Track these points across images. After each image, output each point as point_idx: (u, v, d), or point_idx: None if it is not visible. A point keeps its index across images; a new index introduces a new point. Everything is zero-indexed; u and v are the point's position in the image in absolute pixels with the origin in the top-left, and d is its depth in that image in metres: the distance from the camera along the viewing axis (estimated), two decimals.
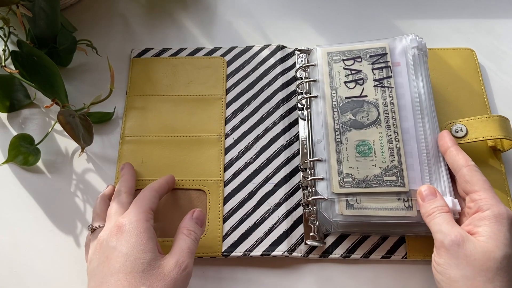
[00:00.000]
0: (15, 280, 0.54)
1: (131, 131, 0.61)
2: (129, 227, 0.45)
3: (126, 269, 0.43)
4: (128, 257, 0.43)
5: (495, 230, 0.44)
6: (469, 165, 0.49)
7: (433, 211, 0.47)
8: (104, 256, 0.44)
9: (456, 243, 0.44)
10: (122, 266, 0.43)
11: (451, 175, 0.52)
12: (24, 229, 0.56)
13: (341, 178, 0.52)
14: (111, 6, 0.71)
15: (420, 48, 0.57)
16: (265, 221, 0.55)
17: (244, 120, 0.61)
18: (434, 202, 0.48)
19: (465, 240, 0.44)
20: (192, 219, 0.49)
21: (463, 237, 0.44)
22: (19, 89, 0.62)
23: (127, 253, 0.43)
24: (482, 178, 0.48)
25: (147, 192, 0.50)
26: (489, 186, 0.47)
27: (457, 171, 0.50)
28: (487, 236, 0.44)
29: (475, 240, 0.44)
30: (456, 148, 0.51)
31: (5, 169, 0.59)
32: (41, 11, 0.57)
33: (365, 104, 0.55)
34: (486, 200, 0.46)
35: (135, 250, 0.44)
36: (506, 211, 0.45)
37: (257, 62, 0.65)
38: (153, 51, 0.66)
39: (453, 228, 0.45)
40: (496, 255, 0.42)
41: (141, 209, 0.47)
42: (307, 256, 0.53)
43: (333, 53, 0.58)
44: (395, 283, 0.53)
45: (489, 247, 0.43)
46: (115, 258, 0.43)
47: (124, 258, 0.43)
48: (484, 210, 0.45)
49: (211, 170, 0.58)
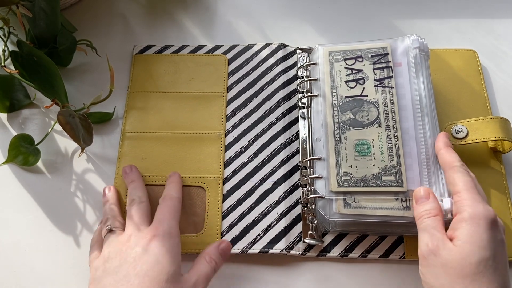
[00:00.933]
0: (15, 280, 0.54)
1: (132, 127, 0.61)
2: (163, 238, 0.47)
3: (153, 274, 0.44)
4: (156, 264, 0.45)
5: (471, 232, 0.42)
6: (454, 166, 0.48)
7: (421, 215, 0.46)
8: (131, 257, 0.45)
9: (432, 252, 0.43)
10: (149, 271, 0.44)
11: None
12: (24, 229, 0.56)
13: (339, 176, 0.52)
14: (111, 6, 0.71)
15: (421, 49, 0.57)
16: (263, 219, 0.55)
17: (245, 118, 0.61)
18: (424, 205, 0.47)
19: (440, 248, 0.43)
20: (217, 248, 0.50)
21: (439, 245, 0.43)
22: (19, 89, 0.62)
23: (157, 260, 0.45)
24: (465, 178, 0.46)
25: (176, 203, 0.52)
26: (471, 186, 0.45)
27: (444, 172, 0.49)
28: (463, 240, 0.42)
29: (451, 247, 0.42)
30: (446, 149, 0.50)
31: (5, 169, 0.59)
32: (41, 11, 0.58)
33: (365, 103, 0.55)
34: (465, 201, 0.44)
35: (165, 259, 0.45)
36: (484, 211, 0.43)
37: (259, 61, 0.65)
38: (155, 48, 0.66)
39: (432, 235, 0.44)
40: (472, 260, 0.41)
41: (174, 222, 0.49)
42: (305, 254, 0.54)
43: (334, 52, 0.58)
44: (392, 283, 0.53)
45: (464, 252, 0.41)
46: (143, 263, 0.45)
47: (152, 265, 0.44)
48: (461, 212, 0.44)
49: (211, 167, 0.58)
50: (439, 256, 0.42)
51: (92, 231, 0.56)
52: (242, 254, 0.54)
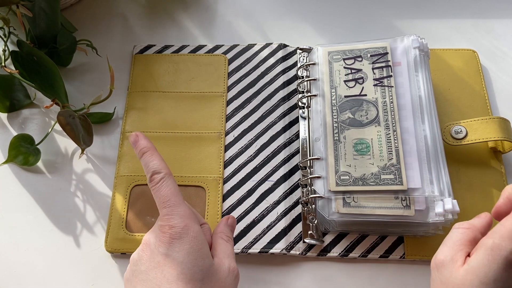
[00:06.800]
0: (15, 280, 0.54)
1: (132, 127, 0.61)
2: (181, 232, 0.41)
3: (186, 278, 0.40)
4: (185, 264, 0.40)
5: (483, 263, 0.37)
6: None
7: (456, 226, 0.43)
8: (155, 261, 0.41)
9: (436, 265, 0.41)
10: (180, 274, 0.40)
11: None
12: (24, 229, 0.56)
13: (338, 176, 0.52)
14: (111, 6, 0.71)
15: (421, 49, 0.57)
16: (263, 219, 0.55)
17: (245, 117, 0.61)
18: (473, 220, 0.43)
19: (444, 265, 0.40)
20: (227, 225, 0.48)
21: (444, 261, 0.40)
22: (19, 89, 0.63)
23: (183, 261, 0.40)
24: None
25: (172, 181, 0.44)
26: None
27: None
28: (471, 265, 0.38)
29: (456, 268, 0.39)
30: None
31: (5, 169, 0.60)
32: (41, 11, 0.58)
33: (364, 103, 0.55)
34: (504, 228, 0.38)
35: (191, 257, 0.41)
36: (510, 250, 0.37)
37: (259, 61, 0.65)
38: (155, 47, 0.67)
39: (446, 248, 0.41)
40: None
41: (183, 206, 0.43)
42: (305, 254, 0.54)
43: (333, 52, 0.58)
44: (392, 283, 0.53)
45: (464, 280, 0.38)
46: (170, 266, 0.40)
47: (180, 266, 0.40)
48: (490, 236, 0.38)
49: (211, 167, 0.58)
50: (440, 272, 0.40)
51: (92, 231, 0.56)
52: (242, 254, 0.54)
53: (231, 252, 0.44)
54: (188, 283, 0.40)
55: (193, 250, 0.41)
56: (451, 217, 0.48)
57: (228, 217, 0.48)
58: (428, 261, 0.48)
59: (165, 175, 0.44)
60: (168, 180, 0.43)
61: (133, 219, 0.56)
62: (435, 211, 0.49)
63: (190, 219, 0.42)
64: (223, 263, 0.43)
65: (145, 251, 0.43)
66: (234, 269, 0.43)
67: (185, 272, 0.40)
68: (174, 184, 0.44)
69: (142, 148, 0.45)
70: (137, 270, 0.42)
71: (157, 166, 0.44)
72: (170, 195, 0.43)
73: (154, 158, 0.45)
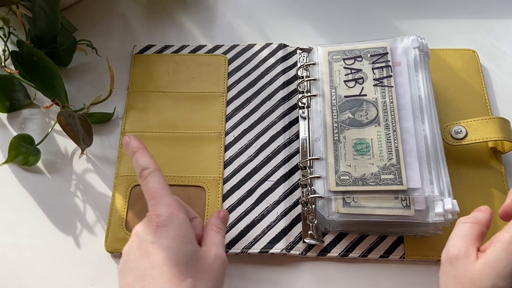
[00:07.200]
0: (15, 280, 0.54)
1: (132, 127, 0.61)
2: (166, 220, 0.43)
3: (171, 262, 0.42)
4: (170, 250, 0.42)
5: (500, 258, 0.38)
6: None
7: (461, 220, 0.43)
8: (142, 249, 0.43)
9: (449, 260, 0.41)
10: (166, 259, 0.42)
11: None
12: (24, 229, 0.56)
13: (338, 176, 0.52)
14: (111, 6, 0.71)
15: (421, 49, 0.57)
16: (263, 219, 0.55)
17: (245, 118, 0.61)
18: (473, 213, 0.44)
19: (459, 259, 0.40)
20: (219, 218, 0.49)
21: (458, 256, 0.40)
22: (19, 89, 0.63)
23: (169, 247, 0.42)
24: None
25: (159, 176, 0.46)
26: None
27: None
28: (487, 260, 0.38)
29: (470, 262, 0.39)
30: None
31: (5, 169, 0.60)
32: (41, 11, 0.58)
33: (364, 103, 0.55)
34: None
35: (176, 242, 0.42)
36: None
37: (259, 61, 0.65)
38: (155, 47, 0.67)
39: (458, 242, 0.41)
40: (483, 284, 0.38)
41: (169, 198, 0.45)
42: (305, 254, 0.53)
43: (333, 52, 0.58)
44: (392, 283, 0.53)
45: (479, 275, 0.38)
46: (156, 252, 0.42)
47: (166, 252, 0.42)
48: (506, 231, 0.39)
49: (211, 167, 0.58)
50: (454, 266, 0.40)
51: (92, 231, 0.56)
52: (242, 254, 0.54)
53: (220, 241, 0.46)
54: (173, 267, 0.41)
55: (178, 237, 0.43)
56: (451, 217, 0.48)
57: (220, 211, 0.50)
58: (428, 261, 0.49)
59: (153, 170, 0.46)
60: (155, 175, 0.46)
61: (133, 219, 0.56)
62: (435, 211, 0.49)
63: (176, 208, 0.44)
64: (210, 250, 0.45)
65: (134, 241, 0.44)
66: (221, 256, 0.45)
67: (170, 257, 0.42)
68: (162, 178, 0.46)
69: (133, 148, 0.48)
70: (127, 260, 0.44)
71: (146, 162, 0.47)
72: (157, 187, 0.45)
73: (143, 156, 0.47)
